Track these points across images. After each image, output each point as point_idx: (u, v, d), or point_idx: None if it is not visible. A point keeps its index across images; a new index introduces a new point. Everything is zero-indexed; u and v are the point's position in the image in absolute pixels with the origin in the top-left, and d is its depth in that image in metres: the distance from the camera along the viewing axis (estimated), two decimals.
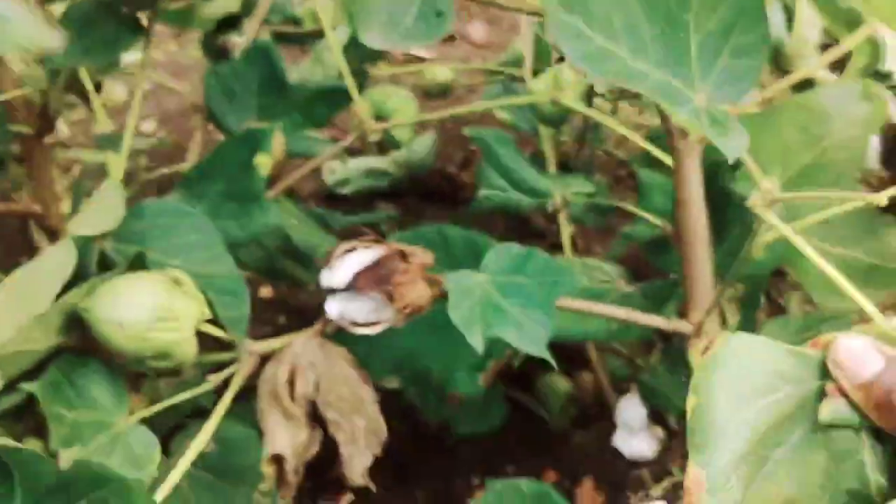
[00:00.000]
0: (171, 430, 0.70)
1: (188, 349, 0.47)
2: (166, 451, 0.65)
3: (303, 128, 0.77)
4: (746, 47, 0.38)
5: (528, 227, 1.17)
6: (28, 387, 0.41)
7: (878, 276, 0.61)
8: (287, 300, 1.07)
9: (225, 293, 0.53)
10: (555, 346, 1.02)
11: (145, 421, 0.50)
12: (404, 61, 1.41)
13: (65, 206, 0.63)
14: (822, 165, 0.61)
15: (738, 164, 0.63)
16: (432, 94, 1.12)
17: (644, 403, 0.68)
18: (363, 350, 0.69)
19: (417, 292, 0.49)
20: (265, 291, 1.05)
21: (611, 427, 0.93)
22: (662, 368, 0.70)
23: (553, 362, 0.51)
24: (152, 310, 0.45)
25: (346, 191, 1.19)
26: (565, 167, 0.96)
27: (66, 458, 0.41)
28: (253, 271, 0.92)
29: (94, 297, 0.45)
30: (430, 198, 1.21)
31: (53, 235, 0.58)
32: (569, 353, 0.97)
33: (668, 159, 0.68)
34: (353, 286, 0.47)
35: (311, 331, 0.51)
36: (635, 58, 0.37)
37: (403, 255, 0.48)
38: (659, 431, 0.67)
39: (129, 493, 0.41)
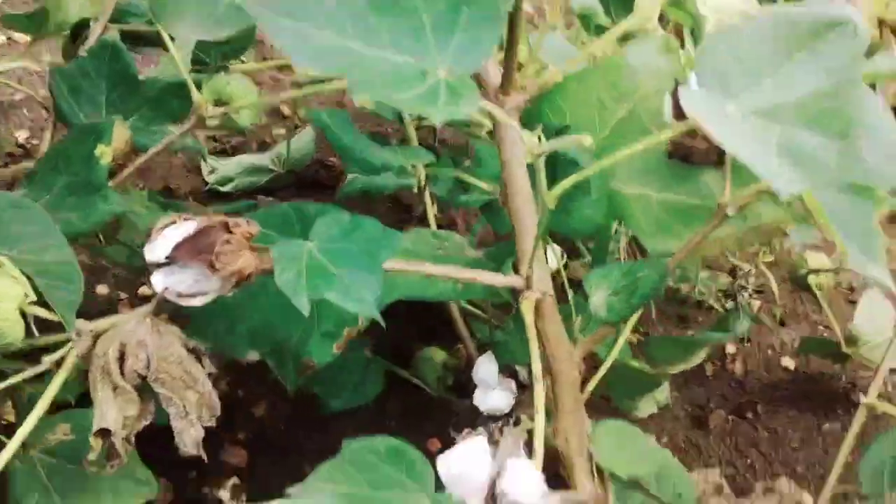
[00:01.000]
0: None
1: (14, 329, 0.49)
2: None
3: (155, 122, 0.78)
4: (479, 19, 0.41)
5: (402, 207, 1.22)
6: None
7: (699, 213, 0.66)
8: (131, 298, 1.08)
9: (58, 278, 0.54)
10: (429, 321, 1.05)
11: None
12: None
13: None
14: (633, 119, 0.66)
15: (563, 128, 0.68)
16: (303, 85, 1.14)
17: (496, 361, 0.72)
18: (221, 325, 0.72)
19: (242, 261, 0.51)
20: (145, 290, 1.06)
21: None
22: (512, 327, 0.74)
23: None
24: None
25: (227, 188, 1.20)
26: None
27: None
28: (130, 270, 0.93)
29: None
30: (311, 188, 1.23)
31: None
32: (445, 328, 1.01)
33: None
34: (174, 258, 0.49)
35: (142, 309, 0.53)
36: (370, 46, 0.40)
37: (226, 226, 0.51)
38: (512, 385, 0.71)
39: None
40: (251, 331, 0.72)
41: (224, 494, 0.87)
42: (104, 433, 0.51)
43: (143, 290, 1.06)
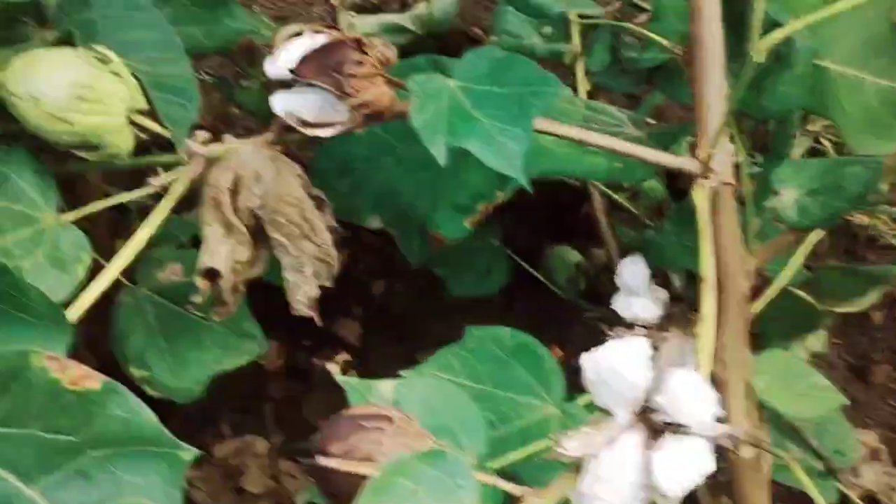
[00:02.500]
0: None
1: (121, 138, 0.43)
2: None
3: None
4: None
5: None
6: None
7: None
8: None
9: (173, 93, 0.48)
10: (563, 217, 0.95)
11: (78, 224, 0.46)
12: None
13: None
14: None
15: None
16: None
17: (647, 264, 0.61)
18: (346, 184, 0.65)
19: (376, 91, 0.43)
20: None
21: None
22: (670, 227, 0.63)
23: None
24: (71, 86, 0.40)
25: None
26: None
27: None
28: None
29: (8, 70, 0.40)
30: (452, 56, 1.13)
31: None
32: (579, 226, 0.91)
33: None
34: (298, 74, 0.41)
35: (263, 138, 0.46)
36: None
37: (359, 45, 0.42)
38: (662, 293, 0.61)
39: (27, 290, 0.37)
40: (375, 194, 0.65)
41: (334, 368, 0.82)
42: (211, 274, 0.45)
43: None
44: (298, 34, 0.42)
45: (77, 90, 0.40)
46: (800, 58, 0.53)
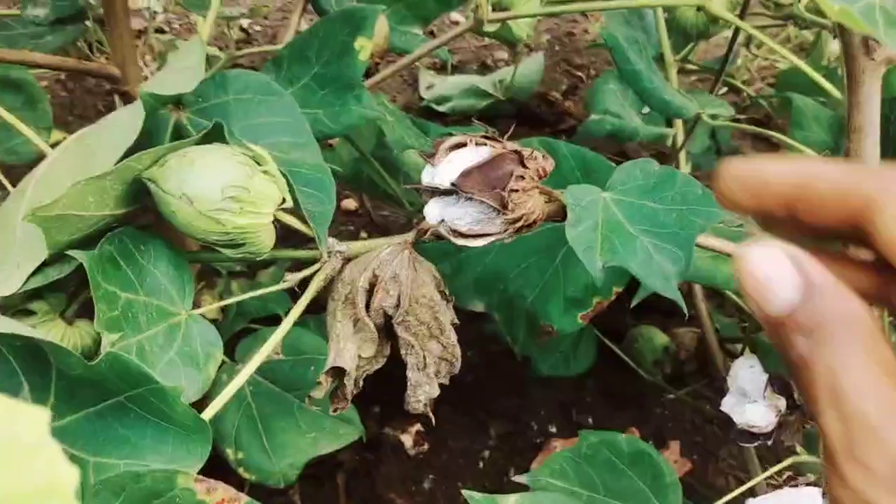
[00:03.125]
0: (236, 334, 0.65)
1: (264, 238, 0.41)
2: (231, 355, 0.61)
3: (407, 22, 0.69)
4: None
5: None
6: (77, 254, 0.35)
7: None
8: (370, 213, 1.01)
9: (309, 184, 0.46)
10: (650, 296, 0.94)
11: (211, 318, 0.44)
12: None
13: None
14: None
15: None
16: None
17: (761, 367, 0.59)
18: (449, 265, 0.63)
19: (533, 203, 0.41)
20: (347, 203, 1.00)
21: (707, 390, 0.85)
22: None
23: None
24: (227, 187, 0.38)
25: (442, 108, 1.11)
26: None
27: (109, 342, 0.35)
28: (338, 180, 0.86)
29: (162, 167, 0.39)
30: (530, 123, 1.12)
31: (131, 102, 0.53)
32: (667, 306, 0.88)
33: (829, 87, 0.58)
34: (460, 187, 0.39)
35: (403, 239, 0.44)
36: None
37: (521, 158, 0.41)
38: (780, 402, 0.58)
39: (166, 397, 0.35)
40: (479, 278, 0.63)
41: (406, 440, 0.80)
42: (338, 372, 0.43)
43: (346, 203, 1.00)
44: (461, 145, 0.41)
45: (231, 192, 0.38)
46: None
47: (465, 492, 0.47)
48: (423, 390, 0.46)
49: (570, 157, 0.58)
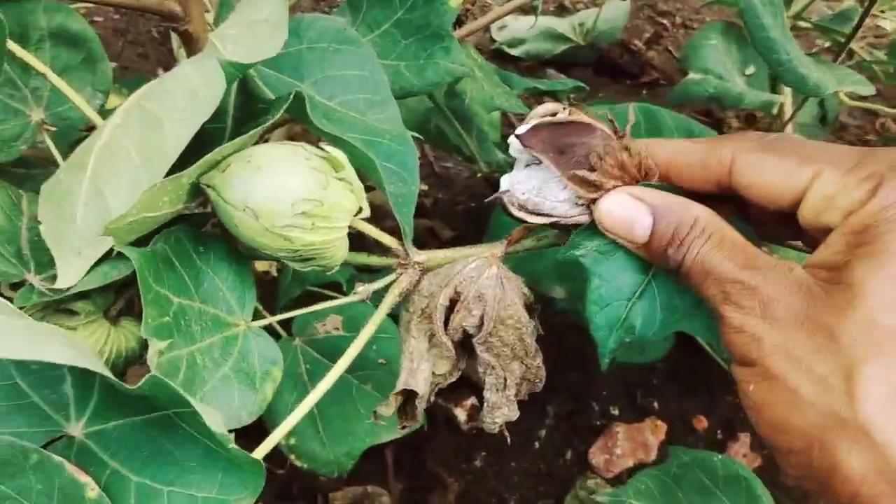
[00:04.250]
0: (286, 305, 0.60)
1: (337, 251, 0.35)
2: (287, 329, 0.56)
3: None
4: None
5: (721, 129, 0.99)
6: (129, 251, 0.29)
7: None
8: (432, 165, 0.94)
9: (391, 158, 0.40)
10: None
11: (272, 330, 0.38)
12: None
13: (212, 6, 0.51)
14: None
15: None
16: None
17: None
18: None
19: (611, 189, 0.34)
20: None
21: None
22: None
23: None
24: (298, 201, 0.31)
25: (515, 52, 1.02)
26: None
27: (155, 350, 0.30)
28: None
29: (223, 172, 0.32)
30: (609, 73, 1.03)
31: (193, 45, 0.46)
32: None
33: None
34: (522, 140, 0.33)
35: (490, 252, 0.38)
36: None
37: (617, 139, 0.33)
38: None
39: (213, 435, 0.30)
40: (559, 264, 0.56)
41: (460, 413, 0.75)
42: (408, 394, 0.38)
43: None
44: (553, 113, 0.34)
45: (303, 206, 0.32)
46: None
47: None
48: (500, 412, 0.40)
49: (675, 129, 0.51)
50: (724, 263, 0.29)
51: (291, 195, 0.31)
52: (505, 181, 0.36)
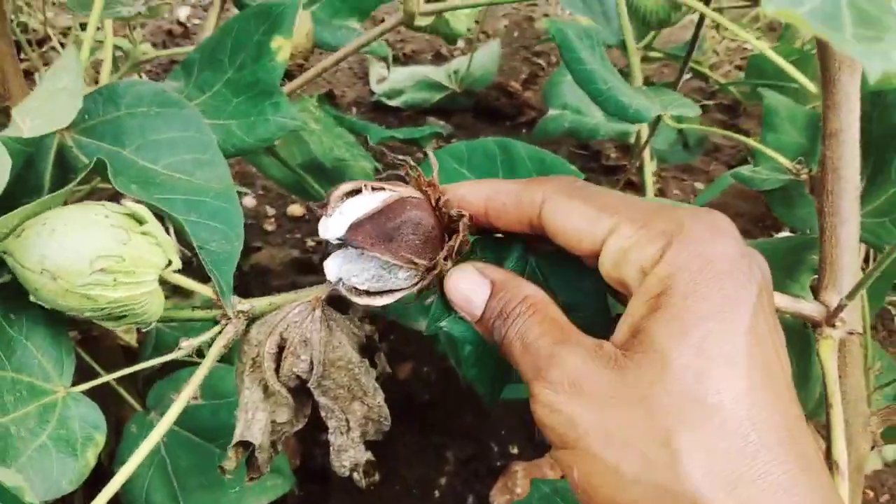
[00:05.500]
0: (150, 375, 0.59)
1: (150, 306, 0.34)
2: (143, 401, 0.55)
3: (341, 14, 0.62)
4: None
5: (599, 161, 1.02)
6: None
7: None
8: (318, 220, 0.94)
9: (216, 217, 0.39)
10: None
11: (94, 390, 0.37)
12: None
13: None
14: None
15: None
16: None
17: None
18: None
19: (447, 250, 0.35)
20: (294, 209, 0.93)
21: None
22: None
23: None
24: (96, 258, 0.31)
25: (395, 103, 1.04)
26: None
27: None
28: (281, 185, 0.80)
29: (19, 238, 0.32)
30: (487, 116, 1.06)
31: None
32: None
33: (801, 77, 0.52)
34: (350, 241, 0.33)
35: (314, 295, 0.38)
36: None
37: (430, 200, 0.34)
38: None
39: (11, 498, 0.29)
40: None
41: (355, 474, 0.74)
42: (245, 446, 0.37)
43: (293, 209, 0.93)
44: (356, 192, 0.34)
45: (101, 263, 0.31)
46: None
47: None
48: (347, 455, 0.40)
49: (528, 159, 0.52)
50: (541, 339, 0.30)
51: (88, 253, 0.31)
52: (332, 269, 0.36)
